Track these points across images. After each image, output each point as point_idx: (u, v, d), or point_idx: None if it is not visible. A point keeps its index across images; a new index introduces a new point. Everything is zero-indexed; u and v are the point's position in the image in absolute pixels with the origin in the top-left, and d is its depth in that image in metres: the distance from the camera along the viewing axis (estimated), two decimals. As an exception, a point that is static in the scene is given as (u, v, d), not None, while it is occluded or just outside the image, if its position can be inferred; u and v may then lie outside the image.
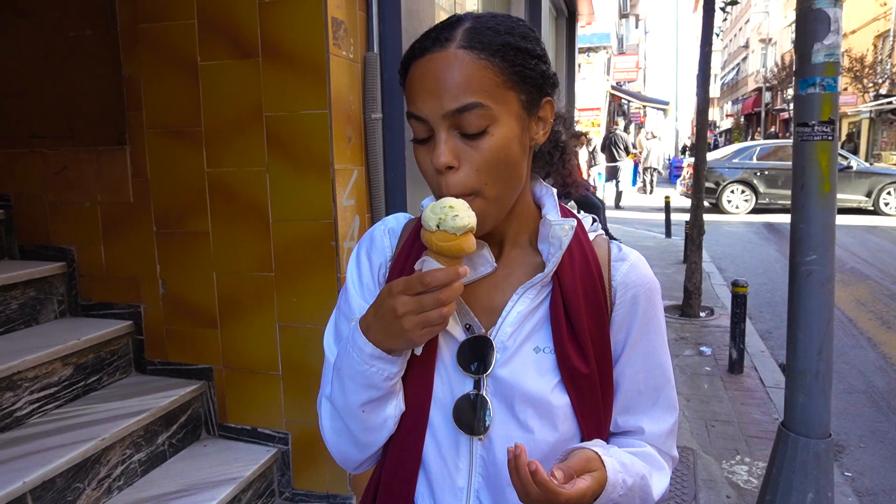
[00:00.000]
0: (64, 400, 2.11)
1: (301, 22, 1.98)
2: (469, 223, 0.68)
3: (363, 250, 0.89)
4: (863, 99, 19.77)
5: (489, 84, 0.70)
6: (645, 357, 0.83)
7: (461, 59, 0.69)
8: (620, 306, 0.81)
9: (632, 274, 0.82)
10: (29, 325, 2.27)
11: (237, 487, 2.01)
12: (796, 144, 1.85)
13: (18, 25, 2.36)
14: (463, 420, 0.78)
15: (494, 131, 0.71)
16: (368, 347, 0.73)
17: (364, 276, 0.87)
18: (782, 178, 12.08)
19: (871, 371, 4.26)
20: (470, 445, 0.79)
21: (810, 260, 1.81)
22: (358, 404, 0.77)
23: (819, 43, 1.75)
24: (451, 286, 0.68)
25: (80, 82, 2.31)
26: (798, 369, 1.85)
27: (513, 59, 0.72)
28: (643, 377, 0.83)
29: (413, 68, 0.73)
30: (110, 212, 2.33)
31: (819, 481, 1.82)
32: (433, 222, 0.68)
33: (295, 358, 2.17)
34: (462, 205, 0.69)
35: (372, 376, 0.74)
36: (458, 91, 0.69)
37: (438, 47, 0.70)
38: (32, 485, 1.65)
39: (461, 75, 0.69)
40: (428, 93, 0.70)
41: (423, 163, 0.75)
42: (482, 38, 0.71)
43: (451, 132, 0.71)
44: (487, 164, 0.71)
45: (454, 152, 0.71)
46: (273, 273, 2.14)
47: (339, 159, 2.07)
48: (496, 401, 0.78)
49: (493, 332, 0.79)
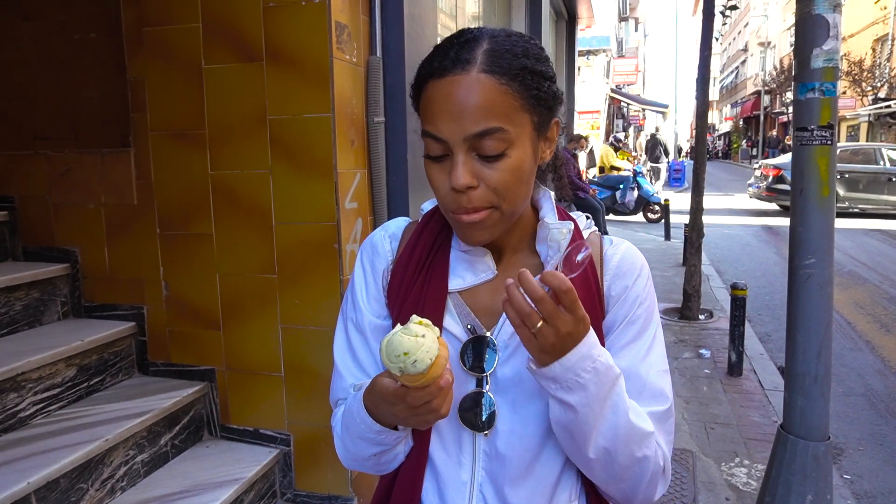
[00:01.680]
0: (67, 401, 2.12)
1: (305, 26, 2.00)
2: (430, 358, 0.66)
3: (365, 257, 0.91)
4: (861, 102, 19.80)
5: (509, 108, 0.72)
6: (636, 344, 0.83)
7: (483, 84, 0.70)
8: (613, 298, 0.83)
9: (621, 266, 0.84)
10: (32, 326, 2.28)
11: (239, 488, 2.02)
12: (795, 149, 1.87)
13: (23, 28, 2.38)
14: (467, 417, 0.81)
15: (511, 153, 0.73)
16: (376, 426, 0.77)
17: (369, 284, 0.89)
18: (865, 180, 11.59)
19: (870, 374, 4.28)
20: (473, 441, 0.82)
21: (809, 263, 1.83)
22: (368, 455, 0.82)
23: (818, 48, 1.77)
24: (437, 400, 0.69)
25: (85, 85, 2.33)
26: (797, 372, 1.86)
27: (529, 82, 0.73)
28: (636, 364, 0.82)
29: (432, 87, 0.73)
30: (114, 214, 2.34)
31: (818, 484, 1.83)
32: (395, 370, 0.67)
33: (297, 360, 2.18)
34: (414, 343, 0.66)
35: (381, 441, 0.79)
36: (480, 116, 0.70)
37: (460, 69, 0.71)
38: (37, 485, 1.66)
39: (483, 100, 0.70)
40: (449, 115, 0.71)
41: (436, 179, 0.76)
42: (502, 62, 0.71)
43: (470, 154, 0.72)
44: (504, 184, 0.74)
45: (472, 173, 0.73)
46: (276, 275, 2.16)
47: (342, 162, 2.08)
48: (499, 398, 0.81)
49: (494, 332, 0.82)
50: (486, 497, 0.81)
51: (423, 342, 0.66)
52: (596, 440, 0.73)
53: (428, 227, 0.88)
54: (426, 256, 0.85)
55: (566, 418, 0.73)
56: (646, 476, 0.78)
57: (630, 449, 0.75)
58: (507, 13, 5.44)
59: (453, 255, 0.85)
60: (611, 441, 0.74)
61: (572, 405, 0.72)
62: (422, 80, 0.75)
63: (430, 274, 0.84)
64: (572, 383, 0.71)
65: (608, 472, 0.77)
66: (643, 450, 0.76)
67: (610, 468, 0.76)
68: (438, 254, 0.85)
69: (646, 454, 0.76)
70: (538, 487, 0.81)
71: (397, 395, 0.69)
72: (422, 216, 0.91)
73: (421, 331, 0.67)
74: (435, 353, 0.66)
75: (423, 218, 0.90)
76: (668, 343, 4.73)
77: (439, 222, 0.87)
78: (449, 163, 0.74)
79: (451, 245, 0.86)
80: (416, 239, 0.87)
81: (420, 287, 0.84)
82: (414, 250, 0.86)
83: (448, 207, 0.76)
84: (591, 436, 0.73)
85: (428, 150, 0.75)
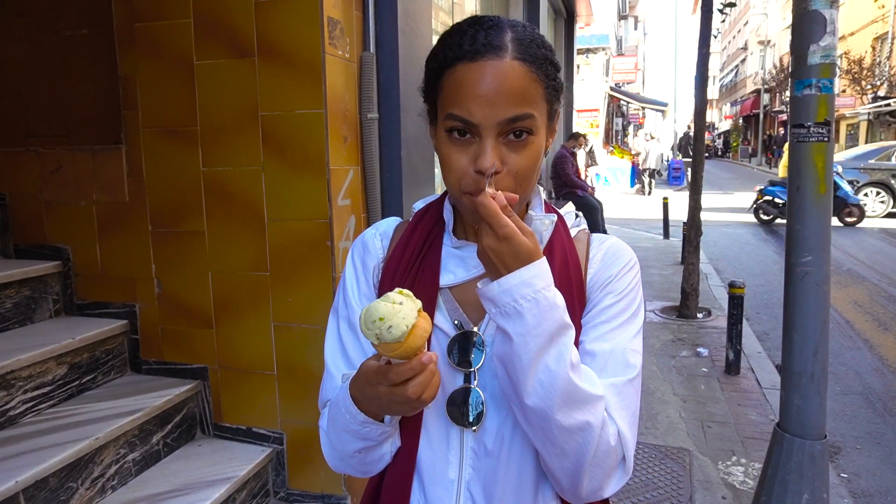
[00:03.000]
0: (58, 399, 2.10)
1: (297, 21, 1.98)
2: (406, 325, 0.65)
3: (356, 255, 0.91)
4: (861, 101, 19.79)
5: (536, 96, 0.74)
6: (613, 325, 0.80)
7: (518, 71, 0.72)
8: (596, 287, 0.82)
9: (607, 258, 0.84)
10: (23, 325, 2.26)
11: (232, 487, 2.00)
12: (792, 146, 1.85)
13: (14, 25, 2.36)
14: (455, 413, 0.81)
15: (534, 140, 0.75)
16: (360, 416, 0.75)
17: (360, 282, 0.89)
18: None
19: (868, 373, 4.27)
20: (460, 438, 0.81)
21: (806, 261, 1.81)
22: (353, 451, 0.80)
23: (815, 44, 1.76)
24: (420, 378, 0.67)
25: (76, 81, 2.31)
26: (793, 371, 1.85)
27: (550, 72, 0.76)
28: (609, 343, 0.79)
29: (461, 70, 0.73)
30: (106, 211, 2.32)
31: (814, 482, 1.82)
32: (372, 338, 0.66)
33: (290, 358, 2.17)
34: (390, 309, 0.65)
35: (366, 434, 0.77)
36: (515, 102, 0.72)
37: (493, 54, 0.72)
38: (25, 484, 1.65)
39: (519, 86, 0.72)
40: (484, 100, 0.71)
41: (454, 161, 0.75)
42: (530, 51, 0.74)
43: (498, 139, 0.73)
44: (526, 169, 0.75)
45: (500, 158, 0.73)
46: (268, 273, 2.14)
47: (335, 159, 2.07)
48: (486, 393, 0.80)
49: (481, 327, 0.82)
50: (473, 495, 0.80)
51: (400, 309, 0.65)
52: (533, 385, 0.70)
53: (420, 224, 0.88)
54: (418, 253, 0.85)
55: (502, 350, 0.72)
56: (589, 449, 0.72)
57: (569, 409, 0.71)
58: (504, 10, 5.42)
59: (445, 252, 0.85)
60: (547, 391, 0.70)
61: (508, 334, 0.70)
62: (449, 61, 0.74)
63: (422, 270, 0.84)
64: (510, 308, 0.69)
65: (546, 434, 0.73)
66: (585, 415, 0.72)
67: (546, 426, 0.72)
68: (430, 250, 0.85)
69: (588, 420, 0.72)
70: (525, 485, 0.80)
71: (380, 371, 0.69)
72: (413, 215, 0.91)
73: (399, 299, 0.67)
74: (412, 320, 0.65)
75: (415, 216, 0.90)
76: (666, 341, 4.71)
77: (431, 220, 0.87)
78: (472, 143, 0.74)
79: (442, 242, 0.86)
80: (409, 236, 0.87)
81: (411, 283, 0.83)
82: (406, 247, 0.86)
83: (465, 188, 0.75)
84: (528, 377, 0.70)
85: (447, 128, 0.75)
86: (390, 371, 0.67)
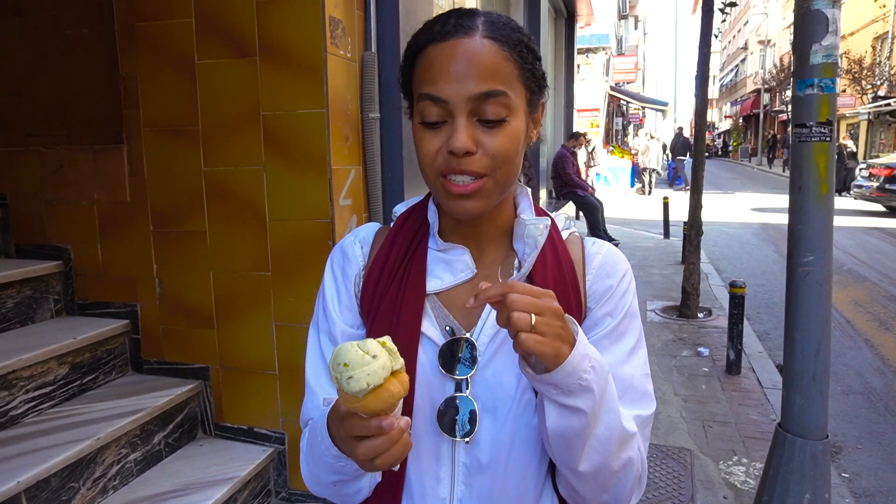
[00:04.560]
0: (59, 399, 2.10)
1: (298, 21, 1.98)
2: (368, 383, 0.58)
3: (335, 264, 0.86)
4: (861, 101, 19.78)
5: (510, 75, 0.72)
6: (620, 344, 0.79)
7: (488, 48, 0.71)
8: (595, 297, 0.80)
9: (605, 265, 0.82)
10: (25, 324, 2.26)
11: (233, 487, 2.00)
12: (794, 145, 1.85)
13: (15, 24, 2.36)
14: (445, 423, 0.76)
15: (511, 121, 0.72)
16: (334, 450, 0.70)
17: (341, 291, 0.85)
18: None
19: (869, 372, 4.26)
20: (452, 453, 0.77)
21: (808, 261, 1.81)
22: (328, 482, 0.76)
23: (817, 44, 1.75)
24: (373, 442, 0.61)
25: (77, 81, 2.31)
26: (795, 370, 1.85)
27: (526, 56, 0.74)
28: (619, 364, 0.78)
29: (432, 51, 0.72)
30: (107, 211, 2.32)
31: (816, 482, 1.82)
32: (333, 381, 0.60)
33: (291, 357, 2.16)
34: (358, 359, 0.58)
35: (340, 469, 0.72)
36: (487, 76, 0.70)
37: (463, 33, 0.71)
38: (27, 484, 1.65)
39: (489, 61, 0.70)
40: (453, 76, 0.70)
41: (427, 145, 0.73)
42: (502, 32, 0.73)
43: (471, 118, 0.71)
44: (504, 150, 0.72)
45: (473, 138, 0.71)
46: (270, 273, 2.14)
47: (337, 159, 2.06)
48: (479, 403, 0.77)
49: (474, 334, 0.78)
50: None
51: (370, 363, 0.58)
52: (592, 445, 0.69)
53: (403, 229, 0.84)
54: (402, 259, 0.81)
55: (566, 424, 0.68)
56: (629, 482, 0.73)
57: (620, 452, 0.71)
58: (504, 9, 5.42)
59: (430, 256, 0.81)
60: (605, 444, 0.69)
61: (580, 409, 0.66)
62: (419, 46, 0.74)
63: (407, 277, 0.80)
64: (575, 387, 0.65)
65: (596, 481, 0.72)
66: (628, 451, 0.72)
67: (600, 475, 0.71)
68: (415, 255, 0.81)
69: (630, 456, 0.72)
70: (525, 501, 0.77)
71: (339, 413, 0.65)
72: (395, 219, 0.87)
73: (375, 350, 0.60)
74: (377, 380, 0.58)
75: (398, 220, 0.86)
76: (667, 341, 4.71)
77: (415, 224, 0.84)
78: (445, 129, 0.72)
79: (427, 246, 0.82)
80: (392, 242, 0.83)
81: (396, 291, 0.79)
82: (389, 253, 0.82)
83: (439, 169, 0.73)
84: (589, 440, 0.68)
85: (424, 115, 0.73)
86: (346, 420, 0.63)
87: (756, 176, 23.94)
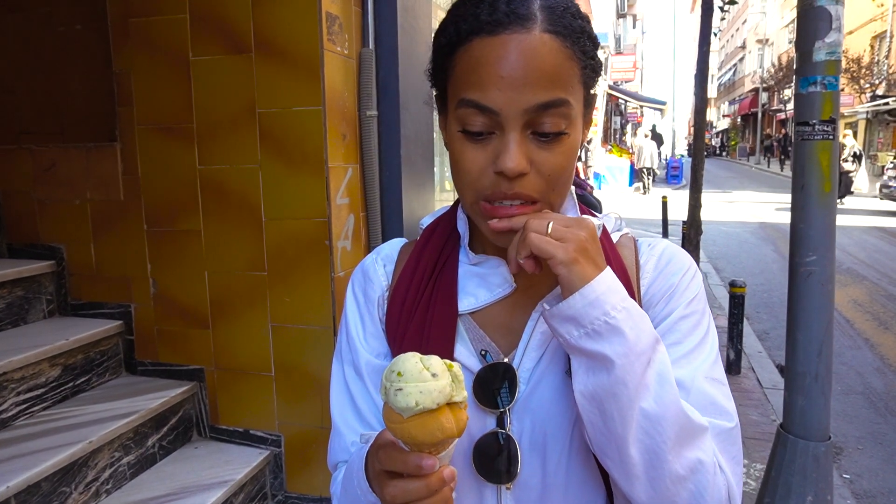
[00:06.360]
0: (51, 401, 2.07)
1: (295, 17, 1.95)
2: (416, 403, 0.50)
3: (356, 286, 0.78)
4: (859, 100, 19.79)
5: (572, 78, 0.61)
6: (684, 345, 0.67)
7: (549, 46, 0.59)
8: (655, 298, 0.69)
9: (662, 263, 0.71)
10: (16, 325, 2.23)
11: (229, 490, 1.97)
12: (796, 144, 1.83)
13: (7, 20, 2.32)
14: (486, 466, 0.66)
15: (571, 132, 0.62)
16: (371, 496, 0.61)
17: (364, 317, 0.75)
18: None
19: (869, 372, 4.25)
20: (497, 497, 0.67)
21: (810, 261, 1.79)
22: None
23: (820, 41, 1.73)
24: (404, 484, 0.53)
25: (70, 78, 2.28)
26: (797, 371, 1.83)
27: (587, 48, 0.62)
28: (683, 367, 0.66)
29: (478, 46, 0.59)
30: (100, 210, 2.29)
31: (818, 484, 1.80)
32: (381, 389, 0.53)
33: (288, 359, 2.14)
34: (416, 372, 0.51)
35: None
36: (547, 83, 0.58)
37: (518, 26, 0.58)
38: (17, 489, 1.61)
39: (551, 65, 0.58)
40: (506, 82, 0.58)
41: (469, 161, 0.62)
42: (564, 21, 0.60)
43: (525, 132, 0.60)
44: (560, 170, 0.62)
45: (527, 157, 0.60)
46: (266, 272, 2.11)
47: (334, 157, 2.04)
48: (524, 438, 0.66)
49: (514, 358, 0.68)
50: None
51: (427, 380, 0.51)
52: (639, 422, 0.56)
53: (430, 242, 0.74)
54: (430, 276, 0.72)
55: (595, 383, 0.56)
56: (704, 498, 0.59)
57: (681, 446, 0.57)
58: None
59: (462, 271, 0.72)
60: (656, 425, 0.56)
61: (607, 356, 0.55)
62: (463, 35, 0.61)
63: (436, 296, 0.70)
64: (601, 325, 0.55)
65: (653, 485, 0.58)
66: (696, 451, 0.58)
67: (656, 474, 0.57)
68: (444, 271, 0.72)
69: (700, 458, 0.58)
70: None
71: (377, 443, 0.57)
72: (421, 232, 0.78)
73: (438, 369, 0.52)
74: (429, 403, 0.50)
75: (424, 234, 0.77)
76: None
77: (443, 235, 0.75)
78: (492, 142, 0.60)
79: (458, 259, 0.73)
80: (418, 257, 0.74)
81: (424, 313, 0.70)
82: (416, 270, 0.73)
83: (482, 193, 0.62)
84: (631, 411, 0.56)
85: (465, 123, 0.61)
86: (381, 449, 0.55)
87: (755, 175, 23.96)
